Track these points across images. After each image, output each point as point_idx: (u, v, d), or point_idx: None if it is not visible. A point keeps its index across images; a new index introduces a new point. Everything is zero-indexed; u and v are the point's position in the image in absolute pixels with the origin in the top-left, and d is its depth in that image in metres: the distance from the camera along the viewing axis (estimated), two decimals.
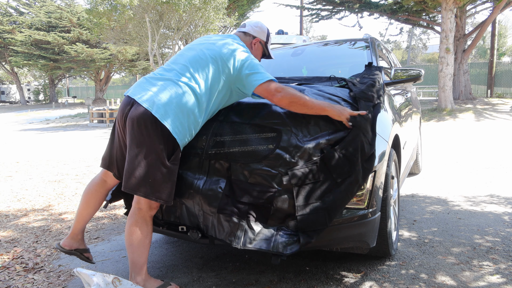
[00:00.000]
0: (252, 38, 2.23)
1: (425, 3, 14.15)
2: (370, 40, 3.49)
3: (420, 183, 4.51)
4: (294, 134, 1.92)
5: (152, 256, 2.65)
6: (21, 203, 4.13)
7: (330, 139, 1.93)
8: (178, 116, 1.87)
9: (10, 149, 8.71)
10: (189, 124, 1.92)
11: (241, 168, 1.89)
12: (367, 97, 2.16)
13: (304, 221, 1.83)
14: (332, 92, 2.22)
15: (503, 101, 16.07)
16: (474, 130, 9.58)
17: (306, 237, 1.82)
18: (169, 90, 1.90)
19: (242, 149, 1.92)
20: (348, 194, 1.87)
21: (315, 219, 1.83)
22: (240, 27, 2.32)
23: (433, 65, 24.85)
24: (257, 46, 2.23)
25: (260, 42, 2.24)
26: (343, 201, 1.87)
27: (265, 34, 2.24)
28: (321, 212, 1.83)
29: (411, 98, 4.14)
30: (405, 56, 47.30)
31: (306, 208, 1.83)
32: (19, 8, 30.23)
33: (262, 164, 1.88)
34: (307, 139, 1.92)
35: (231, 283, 2.19)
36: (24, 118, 20.10)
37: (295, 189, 1.84)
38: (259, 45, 2.24)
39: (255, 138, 1.94)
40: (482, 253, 2.51)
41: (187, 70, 1.96)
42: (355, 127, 1.95)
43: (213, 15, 13.37)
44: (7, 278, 2.36)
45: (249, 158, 1.89)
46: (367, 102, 2.12)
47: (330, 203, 1.84)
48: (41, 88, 37.83)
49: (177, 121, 1.87)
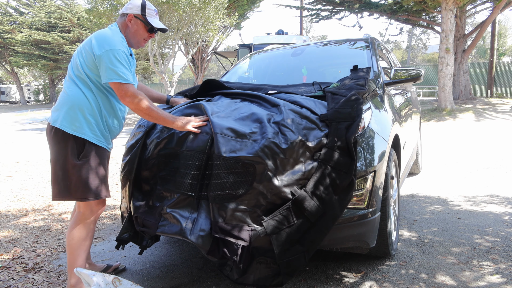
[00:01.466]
0: (126, 16, 2.15)
1: (425, 3, 14.15)
2: (370, 40, 3.49)
3: (420, 183, 4.51)
4: (268, 170, 1.83)
5: (152, 256, 2.66)
6: (21, 203, 4.13)
7: (304, 172, 1.89)
8: (68, 115, 1.99)
9: (10, 149, 8.71)
10: (84, 117, 2.00)
11: (218, 208, 1.84)
12: (340, 117, 2.00)
13: (285, 265, 1.84)
14: (309, 107, 2.09)
15: (503, 101, 16.07)
16: (474, 130, 9.58)
17: (287, 276, 1.86)
18: (59, 99, 2.08)
19: (219, 187, 1.85)
20: (325, 229, 1.88)
21: (296, 262, 1.85)
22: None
23: (433, 65, 24.85)
24: (133, 22, 2.14)
25: (135, 16, 2.14)
26: (321, 237, 1.88)
27: (138, 7, 2.14)
28: (301, 254, 1.85)
29: (411, 98, 4.14)
30: (405, 56, 47.31)
31: (286, 254, 1.84)
32: (19, 8, 30.24)
33: (238, 203, 1.83)
34: (281, 176, 1.85)
35: (231, 283, 2.19)
36: (24, 118, 20.10)
37: (272, 237, 1.82)
38: (135, 20, 2.14)
39: (231, 175, 1.85)
40: (482, 253, 2.51)
41: (69, 75, 2.09)
42: (320, 161, 1.89)
43: (213, 15, 13.36)
44: (7, 278, 2.36)
45: (226, 199, 1.83)
46: (339, 124, 1.97)
47: (308, 244, 1.86)
48: (41, 88, 37.84)
49: (68, 119, 1.98)
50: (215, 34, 14.51)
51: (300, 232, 1.85)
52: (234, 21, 15.30)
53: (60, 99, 2.06)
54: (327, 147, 1.91)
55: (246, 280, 1.87)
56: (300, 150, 1.89)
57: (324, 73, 3.48)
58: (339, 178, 1.87)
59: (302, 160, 1.89)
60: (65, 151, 1.97)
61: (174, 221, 1.93)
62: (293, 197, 1.84)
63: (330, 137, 1.93)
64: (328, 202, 1.86)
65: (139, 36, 2.18)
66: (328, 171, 1.87)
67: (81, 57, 2.03)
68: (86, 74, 2.01)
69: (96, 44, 1.97)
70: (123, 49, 2.00)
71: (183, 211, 1.93)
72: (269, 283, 1.87)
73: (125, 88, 1.95)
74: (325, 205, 1.86)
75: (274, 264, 1.86)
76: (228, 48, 41.62)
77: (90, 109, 2.02)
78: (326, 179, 1.86)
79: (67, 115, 1.98)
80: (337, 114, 2.02)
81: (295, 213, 1.84)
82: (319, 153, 1.91)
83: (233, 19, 14.92)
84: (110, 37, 2.00)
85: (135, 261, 2.58)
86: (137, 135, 2.24)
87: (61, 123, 1.98)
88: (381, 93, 2.71)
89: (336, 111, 2.05)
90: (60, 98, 2.06)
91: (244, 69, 3.80)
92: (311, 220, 1.85)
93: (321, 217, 1.87)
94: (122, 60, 1.97)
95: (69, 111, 1.99)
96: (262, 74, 3.60)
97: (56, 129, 1.98)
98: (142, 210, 2.07)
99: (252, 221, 1.83)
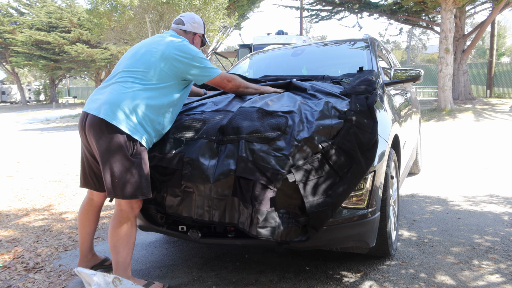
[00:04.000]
0: (192, 34, 2.43)
1: (425, 4, 14.15)
2: (370, 40, 3.49)
3: (420, 183, 4.52)
4: (300, 120, 1.98)
5: (152, 256, 2.66)
6: (22, 203, 4.14)
7: (333, 126, 1.98)
8: (126, 113, 1.96)
9: (11, 149, 8.72)
10: (143, 119, 2.00)
11: (248, 147, 1.90)
12: (358, 91, 2.27)
13: (314, 217, 1.84)
14: (328, 89, 2.41)
15: (502, 101, 16.07)
16: (473, 130, 9.58)
17: (314, 230, 1.86)
18: (112, 93, 2.01)
19: (251, 130, 1.95)
20: (352, 185, 1.91)
21: (323, 215, 1.85)
22: (176, 23, 2.44)
23: (432, 65, 24.85)
24: (197, 41, 2.46)
25: (200, 36, 2.48)
26: (348, 192, 1.90)
27: (202, 28, 2.48)
28: (329, 206, 1.86)
29: (411, 98, 4.15)
30: (404, 56, 47.32)
31: (315, 205, 1.84)
32: (20, 8, 30.24)
33: (269, 146, 1.90)
34: (310, 125, 1.97)
35: (231, 282, 2.20)
36: (24, 118, 20.10)
37: (301, 185, 1.84)
38: (198, 39, 2.47)
39: (264, 122, 2.00)
40: (481, 252, 2.51)
41: (132, 72, 2.08)
42: (345, 121, 2.00)
43: (213, 15, 13.38)
44: (8, 278, 2.36)
45: (258, 139, 1.92)
46: (359, 95, 2.21)
47: (336, 197, 1.87)
48: (41, 88, 37.82)
49: (126, 118, 1.96)
50: (215, 34, 14.53)
51: (329, 184, 1.88)
52: (234, 21, 15.31)
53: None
54: (351, 110, 2.07)
55: (267, 234, 1.82)
56: (327, 108, 2.08)
57: (324, 73, 3.48)
58: (364, 136, 1.98)
59: (329, 115, 2.04)
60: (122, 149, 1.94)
61: (196, 167, 1.92)
62: (322, 149, 1.90)
63: (352, 104, 2.13)
64: (355, 157, 1.92)
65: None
66: (353, 130, 1.98)
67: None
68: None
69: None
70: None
71: (204, 157, 1.94)
72: (292, 239, 1.84)
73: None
74: (352, 159, 1.92)
75: (299, 217, 1.85)
76: (228, 48, 41.64)
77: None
78: (352, 136, 1.96)
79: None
80: (355, 89, 2.31)
81: (324, 165, 1.88)
82: (344, 114, 2.05)
83: (233, 20, 14.93)
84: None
85: (135, 260, 2.59)
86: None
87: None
88: (380, 93, 2.72)
89: (354, 87, 2.35)
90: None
91: (244, 69, 3.81)
92: (339, 173, 1.89)
93: (348, 171, 1.90)
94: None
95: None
96: (262, 74, 3.61)
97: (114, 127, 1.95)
98: (157, 160, 2.04)
99: (280, 167, 1.84)
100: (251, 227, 1.83)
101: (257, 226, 1.81)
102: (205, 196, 1.93)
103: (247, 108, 2.10)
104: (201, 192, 1.93)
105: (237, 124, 2.00)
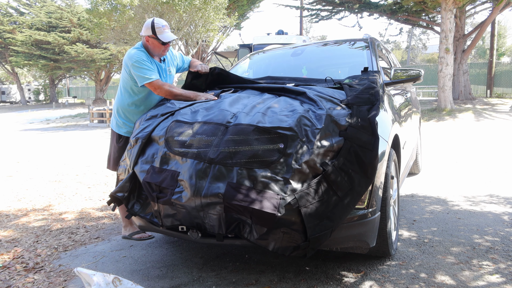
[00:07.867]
0: (144, 37, 2.73)
1: (425, 4, 14.15)
2: (370, 40, 3.49)
3: (420, 183, 4.52)
4: (300, 140, 1.89)
5: (152, 255, 2.66)
6: (21, 203, 4.13)
7: (333, 145, 1.93)
8: (114, 116, 2.88)
9: (10, 149, 8.72)
10: (120, 114, 2.82)
11: (246, 173, 1.84)
12: (360, 101, 2.17)
13: (315, 241, 1.84)
14: (330, 94, 2.29)
15: (502, 101, 16.07)
16: (473, 130, 9.58)
17: (312, 250, 1.87)
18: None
19: (250, 155, 1.87)
20: (352, 205, 1.90)
21: (323, 237, 1.85)
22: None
23: (432, 65, 24.84)
24: (150, 41, 2.70)
25: (149, 36, 2.69)
26: (348, 212, 1.90)
27: (149, 29, 2.68)
28: (329, 230, 1.86)
29: (411, 98, 4.14)
30: (404, 56, 47.30)
31: (316, 229, 1.83)
32: (20, 8, 30.22)
33: (268, 170, 1.84)
34: (311, 145, 1.89)
35: (231, 282, 2.20)
36: (24, 118, 20.10)
37: (303, 210, 1.80)
38: (151, 40, 2.69)
39: (262, 144, 1.90)
40: (481, 252, 2.51)
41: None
42: (346, 139, 1.96)
43: (213, 15, 13.37)
44: (8, 278, 2.36)
45: (255, 164, 1.85)
46: (360, 107, 2.11)
47: (336, 219, 1.87)
48: (41, 88, 37.79)
49: (114, 119, 2.88)
50: (215, 34, 14.52)
51: (329, 206, 1.86)
52: (234, 21, 15.30)
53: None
54: (352, 126, 2.01)
55: (266, 244, 1.84)
56: (328, 124, 1.98)
57: (324, 73, 3.47)
58: (365, 155, 1.94)
59: (330, 133, 1.97)
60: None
61: (187, 186, 1.89)
62: (323, 171, 1.87)
63: (354, 118, 2.05)
64: (355, 178, 1.90)
65: (158, 50, 2.73)
66: (354, 149, 1.94)
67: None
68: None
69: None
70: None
71: (195, 176, 1.88)
72: (289, 253, 1.86)
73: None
74: (353, 180, 1.90)
75: (298, 237, 1.84)
76: (228, 48, 41.61)
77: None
78: (353, 155, 1.93)
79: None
80: (357, 99, 2.19)
81: (325, 187, 1.86)
82: (344, 131, 1.99)
83: (233, 19, 14.92)
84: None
85: (135, 260, 2.59)
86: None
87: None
88: (381, 93, 2.72)
89: (356, 96, 2.22)
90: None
91: (244, 69, 3.81)
92: (339, 195, 1.87)
93: (348, 192, 1.89)
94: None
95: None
96: (262, 74, 3.60)
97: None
98: (151, 174, 2.04)
99: (282, 192, 1.81)
100: (250, 235, 1.86)
101: (256, 238, 1.85)
102: (198, 212, 1.91)
103: (243, 127, 1.97)
104: (193, 209, 1.91)
105: (234, 147, 1.91)
